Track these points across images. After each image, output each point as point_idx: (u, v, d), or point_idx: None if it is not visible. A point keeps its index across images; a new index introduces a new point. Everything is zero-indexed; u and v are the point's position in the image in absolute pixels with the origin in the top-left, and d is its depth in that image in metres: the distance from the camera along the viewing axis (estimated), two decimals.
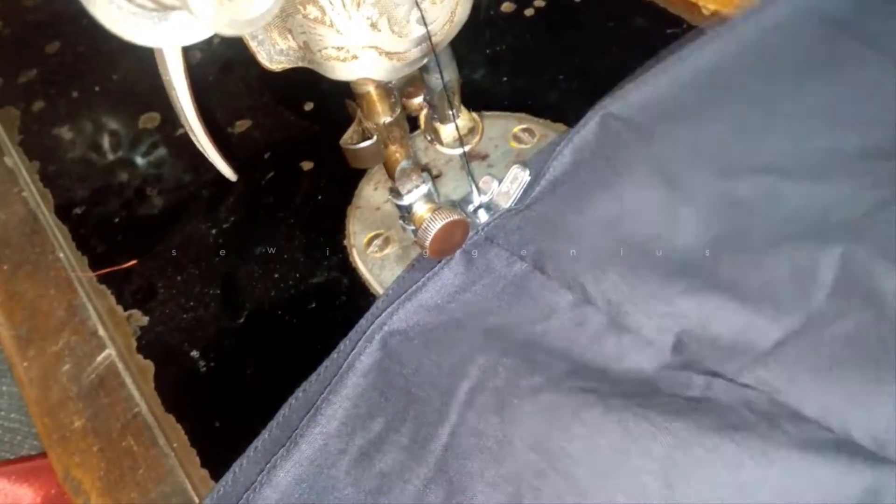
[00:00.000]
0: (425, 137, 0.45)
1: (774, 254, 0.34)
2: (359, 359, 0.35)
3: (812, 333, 0.31)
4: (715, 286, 0.33)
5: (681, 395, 0.31)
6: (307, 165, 0.48)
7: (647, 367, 0.33)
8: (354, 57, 0.29)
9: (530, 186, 0.40)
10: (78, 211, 0.50)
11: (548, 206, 0.39)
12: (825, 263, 0.33)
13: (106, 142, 0.54)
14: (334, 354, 0.37)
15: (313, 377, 0.36)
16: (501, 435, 0.32)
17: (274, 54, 0.31)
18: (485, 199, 0.40)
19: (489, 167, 0.43)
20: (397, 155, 0.35)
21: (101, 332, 0.44)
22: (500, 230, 0.39)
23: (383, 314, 0.36)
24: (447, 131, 0.43)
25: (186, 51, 0.26)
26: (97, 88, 0.58)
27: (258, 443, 0.34)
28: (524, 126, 0.45)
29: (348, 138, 0.34)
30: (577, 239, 0.36)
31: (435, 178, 0.43)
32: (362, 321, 0.37)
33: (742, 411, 0.30)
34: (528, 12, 0.53)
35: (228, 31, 0.20)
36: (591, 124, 0.40)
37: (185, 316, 0.43)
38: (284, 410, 0.35)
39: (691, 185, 0.37)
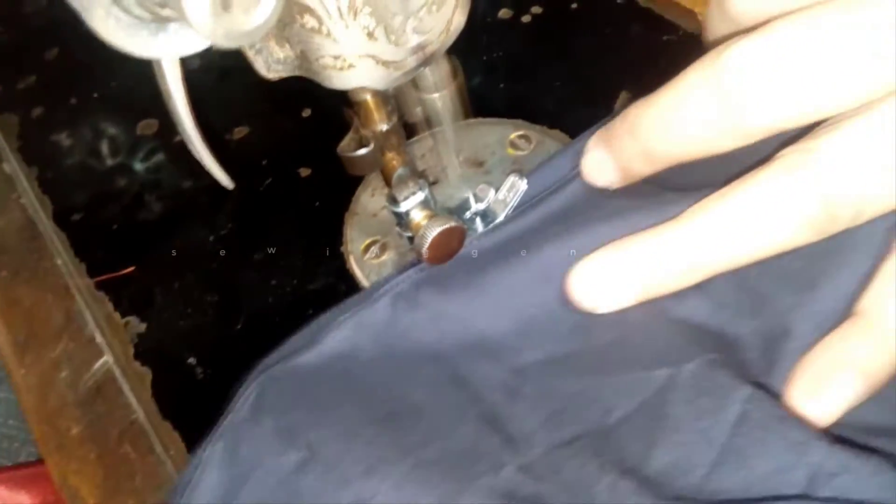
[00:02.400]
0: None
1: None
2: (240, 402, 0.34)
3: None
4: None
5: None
6: (305, 172, 0.48)
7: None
8: (351, 66, 0.29)
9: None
10: (76, 217, 0.50)
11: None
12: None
13: (104, 148, 0.54)
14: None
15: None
16: None
17: (272, 63, 0.31)
18: (481, 206, 0.40)
19: (486, 174, 0.43)
20: (394, 162, 0.36)
21: (99, 338, 0.44)
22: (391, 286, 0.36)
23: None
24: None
25: (184, 59, 0.26)
26: (96, 95, 0.58)
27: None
28: (521, 132, 0.45)
29: (345, 146, 0.34)
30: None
31: (432, 185, 0.43)
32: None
33: None
34: (525, 19, 0.53)
35: (226, 43, 0.21)
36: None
37: (182, 323, 0.43)
38: None
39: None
